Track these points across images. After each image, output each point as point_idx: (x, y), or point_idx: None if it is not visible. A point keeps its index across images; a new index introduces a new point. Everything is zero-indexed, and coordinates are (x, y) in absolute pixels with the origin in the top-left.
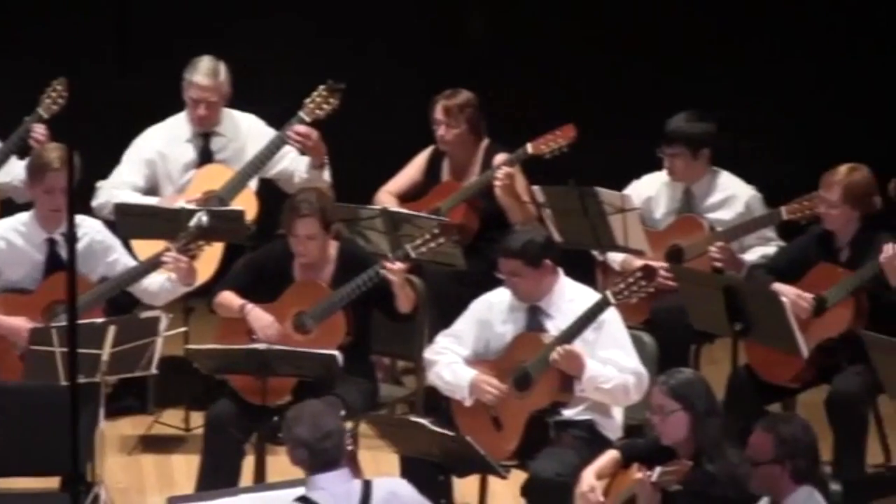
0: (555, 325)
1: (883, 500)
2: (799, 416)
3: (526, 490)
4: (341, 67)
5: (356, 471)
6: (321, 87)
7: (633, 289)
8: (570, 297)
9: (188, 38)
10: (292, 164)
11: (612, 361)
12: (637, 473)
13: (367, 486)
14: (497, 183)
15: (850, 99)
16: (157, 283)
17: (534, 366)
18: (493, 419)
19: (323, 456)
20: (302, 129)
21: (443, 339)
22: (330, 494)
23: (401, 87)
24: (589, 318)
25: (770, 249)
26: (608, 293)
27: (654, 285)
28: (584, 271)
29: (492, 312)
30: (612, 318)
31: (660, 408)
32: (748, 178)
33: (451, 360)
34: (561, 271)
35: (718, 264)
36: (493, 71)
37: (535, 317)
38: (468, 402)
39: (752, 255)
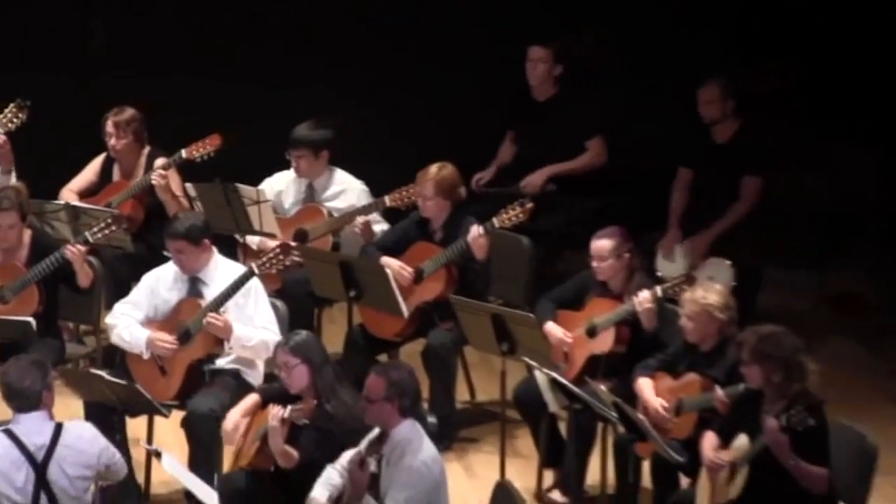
0: (210, 292)
1: (469, 430)
2: (406, 364)
3: (184, 423)
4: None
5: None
6: (11, 104)
7: (273, 262)
8: (222, 270)
9: None
10: None
11: (259, 322)
12: (272, 410)
13: (58, 427)
14: (153, 182)
15: (441, 105)
16: None
17: (193, 324)
18: (159, 367)
19: (23, 400)
20: None
21: (120, 306)
22: (26, 428)
23: (79, 104)
24: (237, 285)
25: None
26: (253, 265)
27: (290, 259)
28: (229, 251)
29: (160, 283)
30: (257, 286)
31: (284, 364)
32: (357, 174)
33: (127, 324)
34: (215, 249)
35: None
36: (160, 86)
37: (195, 285)
38: (146, 356)
39: None
